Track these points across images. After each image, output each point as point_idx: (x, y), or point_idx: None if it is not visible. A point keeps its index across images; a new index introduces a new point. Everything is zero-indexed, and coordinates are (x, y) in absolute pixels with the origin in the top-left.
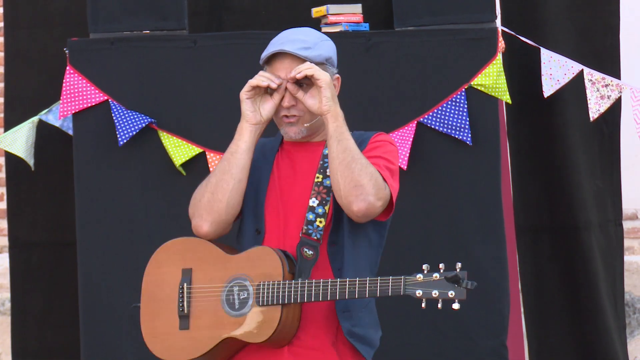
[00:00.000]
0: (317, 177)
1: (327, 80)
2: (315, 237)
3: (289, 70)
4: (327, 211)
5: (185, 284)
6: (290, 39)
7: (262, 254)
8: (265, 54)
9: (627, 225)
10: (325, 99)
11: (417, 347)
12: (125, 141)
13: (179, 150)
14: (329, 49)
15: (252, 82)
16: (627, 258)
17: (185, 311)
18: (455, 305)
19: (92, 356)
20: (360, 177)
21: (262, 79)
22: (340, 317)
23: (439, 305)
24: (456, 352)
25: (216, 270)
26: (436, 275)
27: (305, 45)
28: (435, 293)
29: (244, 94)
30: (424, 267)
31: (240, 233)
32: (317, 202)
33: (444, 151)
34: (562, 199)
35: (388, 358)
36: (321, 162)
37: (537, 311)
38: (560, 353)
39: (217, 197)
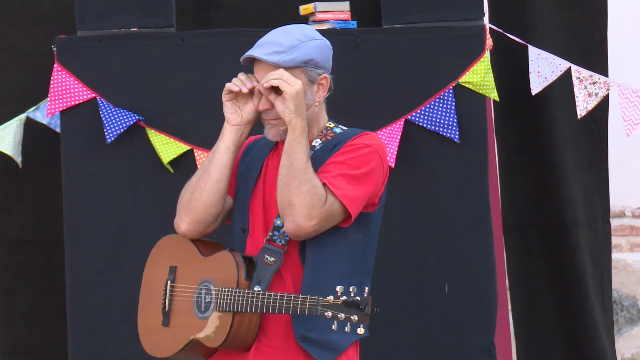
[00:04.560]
0: None
1: (292, 92)
2: (280, 243)
3: (263, 74)
4: None
5: (169, 282)
6: (266, 42)
7: (223, 258)
8: (242, 58)
9: (614, 222)
10: (288, 111)
11: (405, 344)
12: (113, 139)
13: (167, 147)
14: (310, 50)
15: (228, 85)
16: (615, 255)
17: (167, 308)
18: (360, 330)
19: (80, 353)
20: (294, 196)
21: (233, 85)
22: (294, 321)
23: (346, 329)
24: (444, 350)
25: (192, 271)
26: (344, 298)
27: (278, 49)
28: (341, 316)
29: (223, 97)
30: (338, 288)
31: (231, 231)
32: None
33: (432, 149)
34: (549, 197)
35: (377, 355)
36: None
37: (525, 308)
38: (548, 350)
39: (194, 196)
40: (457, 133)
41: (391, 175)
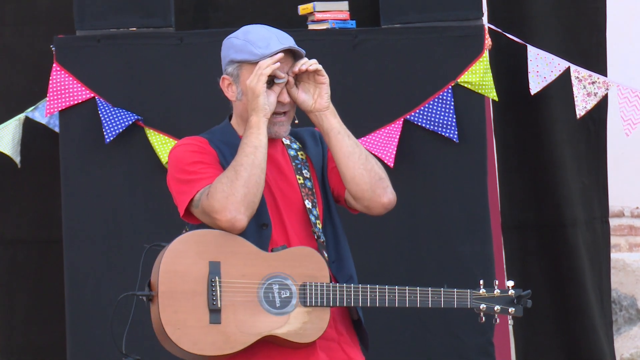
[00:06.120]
0: (299, 179)
1: (328, 78)
2: (322, 240)
3: (283, 65)
4: (319, 213)
5: (217, 277)
6: (284, 36)
7: (306, 254)
8: (271, 50)
9: (613, 222)
10: (327, 96)
11: (404, 344)
12: (111, 138)
13: (166, 147)
14: None
15: (268, 71)
16: (614, 255)
17: (219, 305)
18: (510, 322)
19: (78, 353)
20: (380, 171)
21: (275, 67)
22: (359, 311)
23: (497, 320)
24: (443, 350)
25: (249, 266)
26: (497, 292)
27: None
28: (497, 308)
29: (262, 86)
30: (481, 282)
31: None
32: (310, 204)
33: (431, 148)
34: (548, 197)
35: (374, 356)
36: (294, 164)
37: (524, 308)
38: (546, 350)
39: (252, 192)
40: (456, 133)
41: (390, 175)
